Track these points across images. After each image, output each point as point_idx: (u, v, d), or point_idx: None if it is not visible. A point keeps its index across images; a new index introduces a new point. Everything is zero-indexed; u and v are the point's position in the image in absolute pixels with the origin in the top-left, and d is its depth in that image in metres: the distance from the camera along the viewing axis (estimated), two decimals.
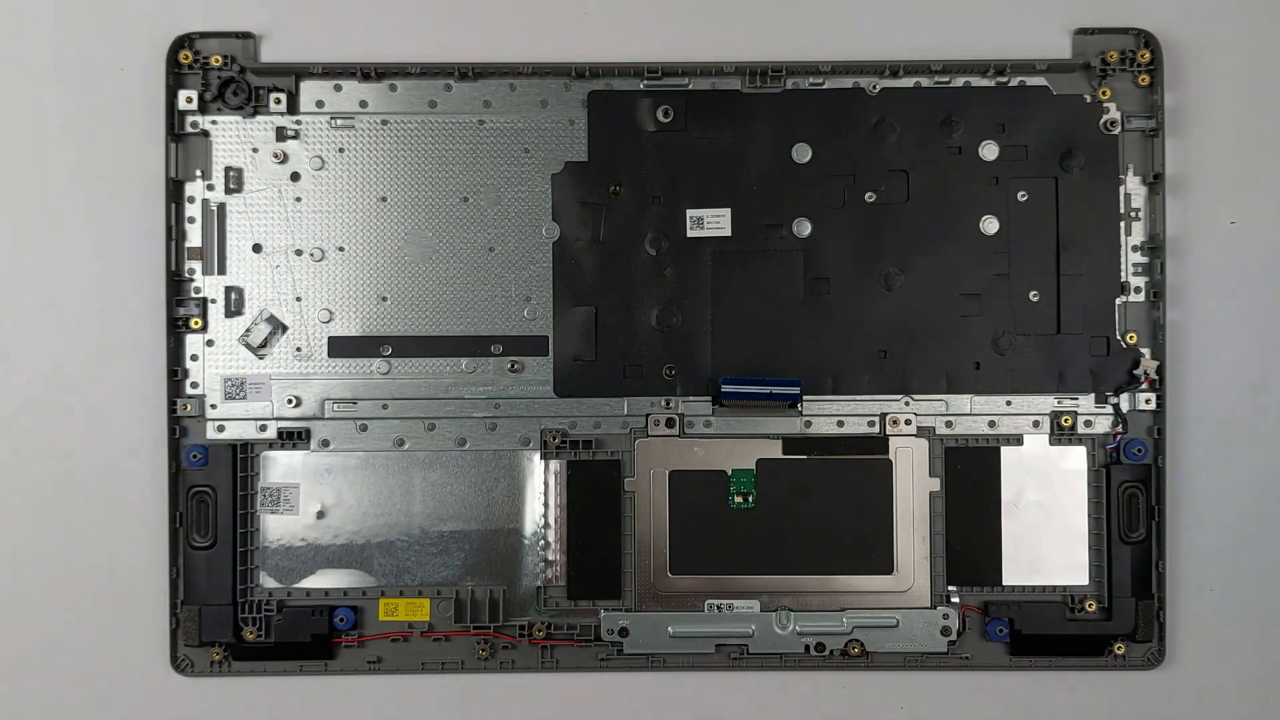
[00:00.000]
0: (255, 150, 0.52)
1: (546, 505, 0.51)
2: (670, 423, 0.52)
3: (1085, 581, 0.52)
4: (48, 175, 0.52)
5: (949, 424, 0.52)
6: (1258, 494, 0.53)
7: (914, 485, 0.52)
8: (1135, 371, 0.51)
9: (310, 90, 0.52)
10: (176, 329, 0.51)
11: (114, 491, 0.52)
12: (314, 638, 0.51)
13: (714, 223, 0.52)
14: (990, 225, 0.52)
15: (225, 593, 0.51)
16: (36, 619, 0.52)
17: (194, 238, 0.52)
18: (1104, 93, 0.52)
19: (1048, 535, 0.52)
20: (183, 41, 0.52)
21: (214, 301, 0.52)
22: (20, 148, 0.52)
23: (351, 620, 0.51)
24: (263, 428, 0.51)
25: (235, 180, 0.52)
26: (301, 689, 0.52)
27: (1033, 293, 0.52)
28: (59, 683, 0.52)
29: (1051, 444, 0.52)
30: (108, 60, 0.52)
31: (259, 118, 0.52)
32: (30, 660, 0.52)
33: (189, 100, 0.51)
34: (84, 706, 0.52)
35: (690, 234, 0.52)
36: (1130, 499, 0.51)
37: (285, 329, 0.52)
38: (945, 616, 0.51)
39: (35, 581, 0.52)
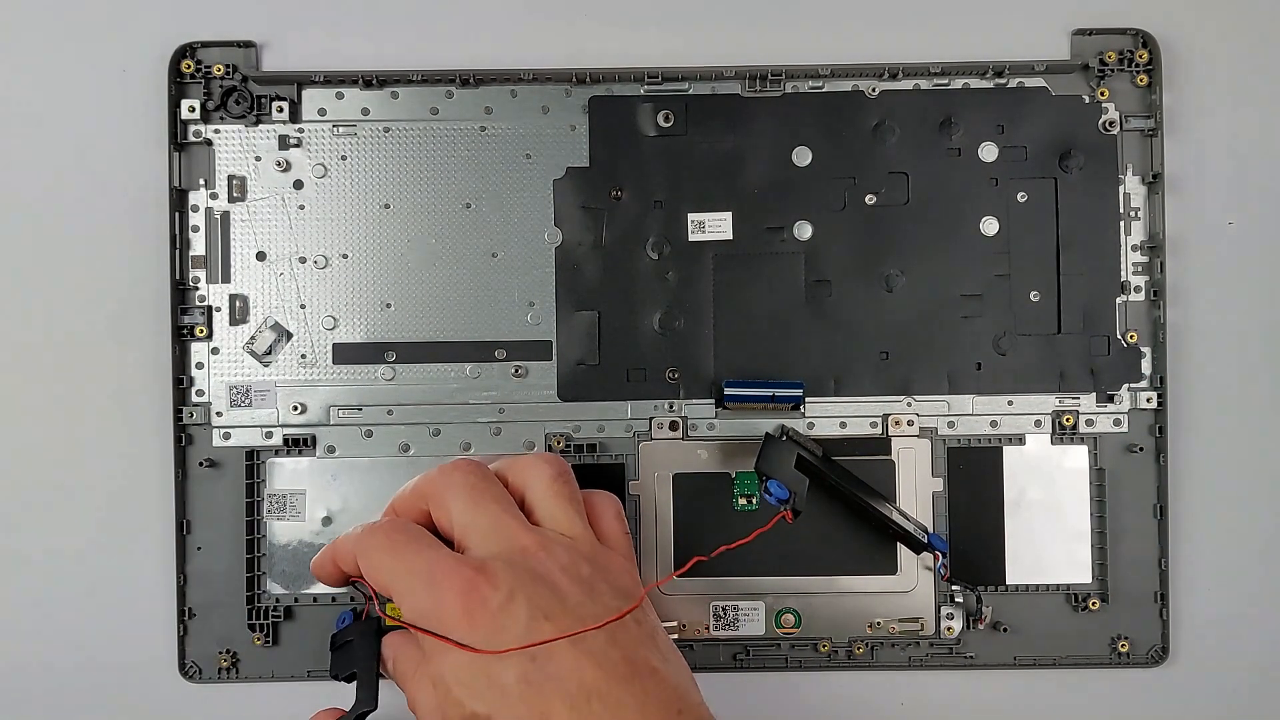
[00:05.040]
0: (258, 159, 0.52)
1: None
2: (674, 426, 0.52)
3: (1088, 580, 0.52)
4: (51, 187, 0.52)
5: (951, 424, 0.52)
6: (1259, 491, 0.53)
7: (917, 485, 0.52)
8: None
9: (312, 98, 0.52)
10: (181, 337, 0.52)
11: (120, 499, 0.52)
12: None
13: (715, 226, 0.52)
14: (990, 226, 0.52)
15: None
16: (44, 627, 0.52)
17: (198, 246, 0.52)
18: (1102, 93, 0.52)
19: (1050, 534, 0.52)
20: (184, 51, 0.52)
21: (218, 310, 0.52)
22: (23, 160, 0.52)
23: None
24: (268, 434, 0.52)
25: (238, 189, 0.52)
26: (309, 694, 0.52)
27: (1033, 293, 0.52)
28: (67, 690, 0.52)
29: (1053, 443, 0.52)
30: (110, 71, 0.52)
31: (261, 126, 0.52)
32: (37, 667, 0.52)
33: (191, 110, 0.52)
34: (92, 713, 0.52)
35: (692, 238, 0.52)
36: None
37: (290, 336, 0.52)
38: (949, 616, 0.52)
39: (42, 590, 0.52)
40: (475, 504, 0.44)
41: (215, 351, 0.52)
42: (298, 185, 0.52)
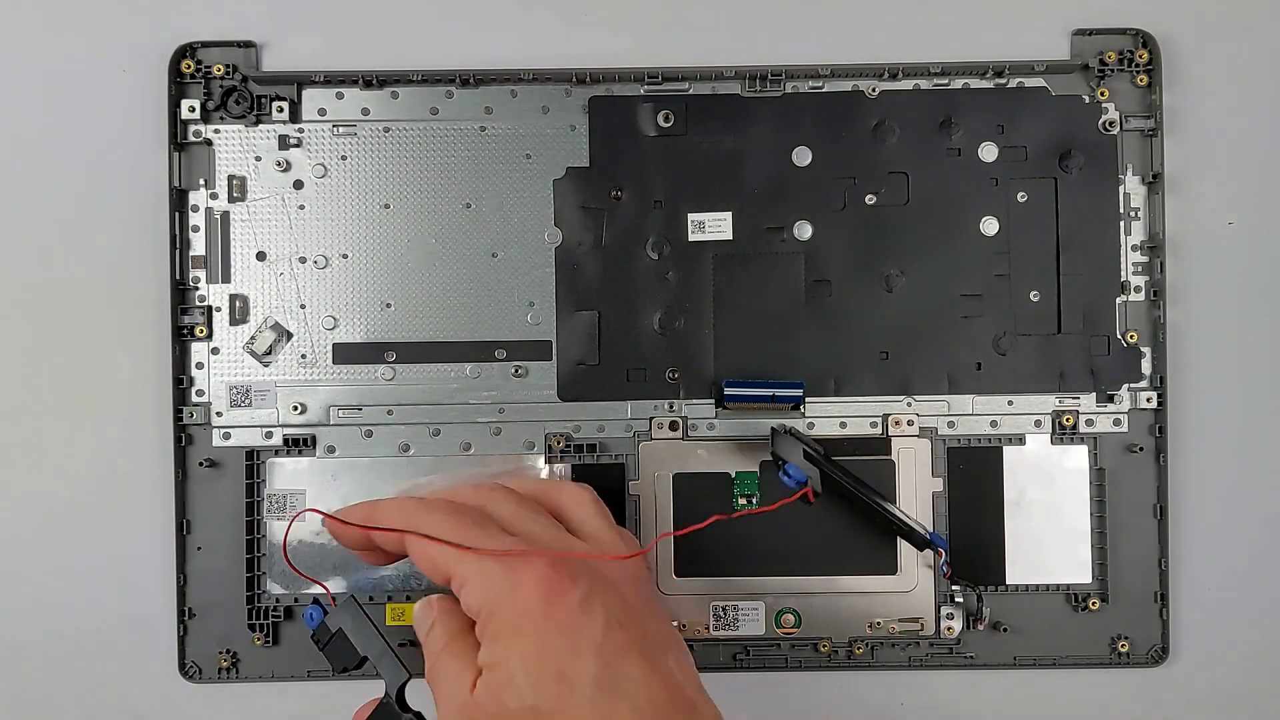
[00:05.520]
0: (258, 159, 0.52)
1: None
2: (674, 425, 0.52)
3: (1089, 579, 0.52)
4: (51, 187, 0.52)
5: (951, 424, 0.52)
6: (1259, 491, 0.53)
7: (917, 485, 0.52)
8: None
9: (312, 98, 0.52)
10: (182, 337, 0.52)
11: (120, 499, 0.52)
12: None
13: (715, 226, 0.52)
14: (990, 226, 0.52)
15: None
16: (44, 627, 0.52)
17: (198, 246, 0.52)
18: (1102, 93, 0.52)
19: (1050, 534, 0.52)
20: (185, 51, 0.52)
21: (219, 310, 0.52)
22: (23, 160, 0.52)
23: None
24: (268, 434, 0.52)
25: (239, 189, 0.52)
26: (309, 694, 0.52)
27: (1033, 293, 0.52)
28: (67, 689, 0.52)
29: (1053, 443, 0.52)
30: (110, 71, 0.52)
31: (261, 126, 0.52)
32: (37, 666, 0.52)
33: (192, 110, 0.52)
34: (92, 713, 0.52)
35: (692, 238, 0.52)
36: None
37: (290, 336, 0.52)
38: (949, 616, 0.52)
39: (42, 590, 0.52)
40: (528, 514, 0.44)
41: (215, 351, 0.52)
42: (298, 185, 0.52)
